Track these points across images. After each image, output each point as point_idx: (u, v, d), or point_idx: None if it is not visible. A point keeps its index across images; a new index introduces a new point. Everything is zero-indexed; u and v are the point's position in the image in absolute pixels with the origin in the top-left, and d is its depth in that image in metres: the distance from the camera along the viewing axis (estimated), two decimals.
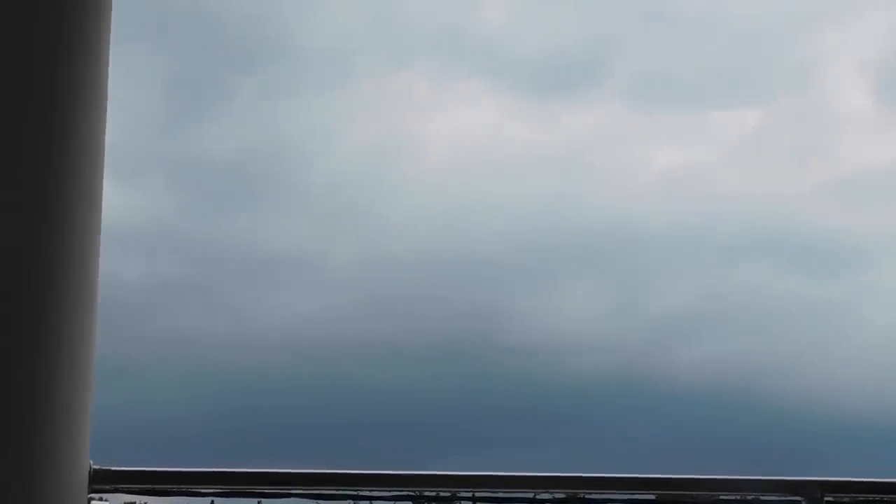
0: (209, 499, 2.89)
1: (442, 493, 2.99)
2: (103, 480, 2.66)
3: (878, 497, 2.93)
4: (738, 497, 2.99)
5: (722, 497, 2.99)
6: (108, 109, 2.63)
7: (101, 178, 2.60)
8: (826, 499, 2.78)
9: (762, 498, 2.95)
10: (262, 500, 2.88)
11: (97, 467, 2.62)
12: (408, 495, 2.91)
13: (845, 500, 2.89)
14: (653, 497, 2.96)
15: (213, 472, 2.79)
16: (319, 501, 2.88)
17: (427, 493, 2.97)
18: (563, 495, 2.94)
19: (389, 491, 2.86)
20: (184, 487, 2.79)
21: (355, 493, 2.89)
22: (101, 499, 2.80)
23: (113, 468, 2.68)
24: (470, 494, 2.98)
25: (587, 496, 2.92)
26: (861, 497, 2.91)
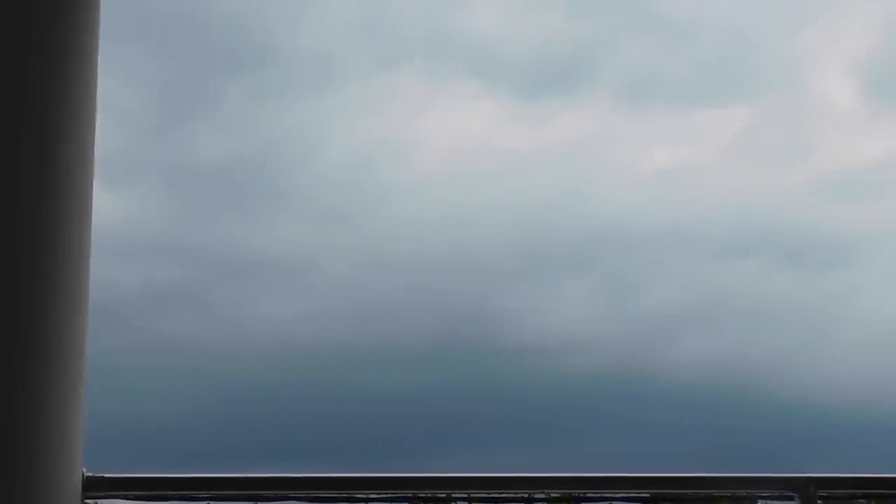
0: (205, 503, 2.89)
1: (437, 495, 3.00)
2: (96, 488, 2.65)
3: (870, 493, 2.94)
4: (732, 494, 2.99)
5: (715, 495, 3.00)
6: (99, 115, 2.63)
7: (91, 182, 2.60)
8: (819, 495, 2.79)
9: (756, 495, 2.96)
10: (258, 503, 2.87)
11: (90, 475, 2.61)
12: (403, 497, 2.91)
13: (838, 495, 2.91)
14: (647, 496, 2.96)
15: (208, 477, 2.79)
16: None
17: (422, 495, 2.97)
18: (557, 495, 2.95)
19: (385, 493, 2.86)
20: (178, 494, 2.79)
21: (350, 496, 2.89)
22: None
23: (106, 475, 2.67)
24: (465, 496, 2.98)
25: (582, 496, 2.93)
26: (854, 492, 2.92)
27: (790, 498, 2.81)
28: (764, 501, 3.02)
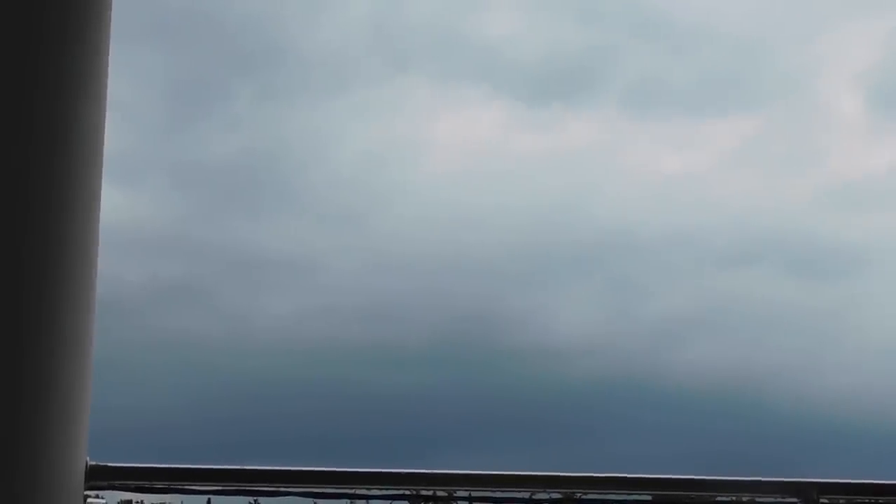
0: (206, 497, 2.89)
1: (438, 492, 2.99)
2: (100, 476, 2.66)
3: (873, 499, 2.93)
4: (735, 498, 2.99)
5: (718, 498, 2.99)
6: (110, 113, 2.64)
7: (100, 179, 2.61)
8: (822, 500, 2.78)
9: (758, 499, 2.95)
10: (259, 498, 2.88)
11: (94, 463, 2.62)
12: (404, 494, 2.91)
13: (841, 501, 2.90)
14: (649, 497, 2.96)
15: (210, 469, 2.79)
16: (316, 500, 2.88)
17: (424, 492, 2.97)
18: (559, 495, 2.94)
19: (386, 489, 2.86)
20: (180, 485, 2.80)
21: (352, 491, 2.90)
22: (97, 496, 2.80)
23: (109, 464, 2.68)
24: (467, 493, 2.98)
25: (584, 496, 2.92)
26: (856, 499, 2.91)
27: (792, 502, 2.80)
28: None
